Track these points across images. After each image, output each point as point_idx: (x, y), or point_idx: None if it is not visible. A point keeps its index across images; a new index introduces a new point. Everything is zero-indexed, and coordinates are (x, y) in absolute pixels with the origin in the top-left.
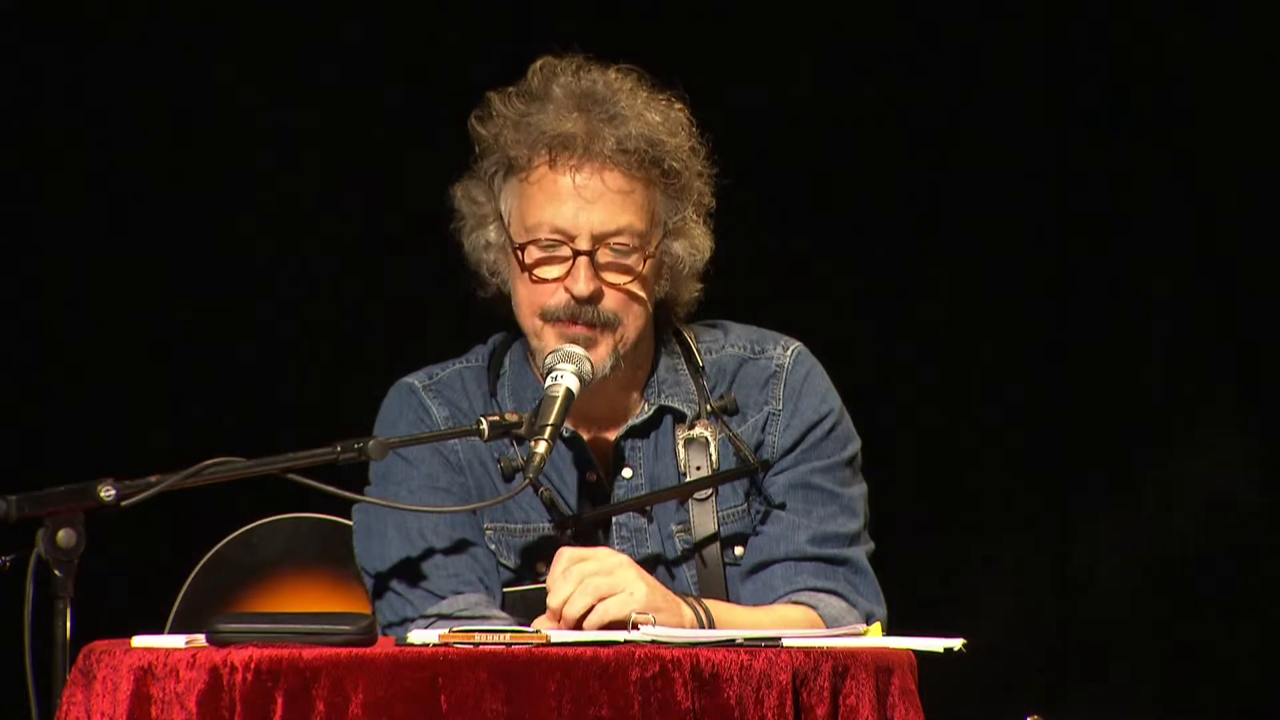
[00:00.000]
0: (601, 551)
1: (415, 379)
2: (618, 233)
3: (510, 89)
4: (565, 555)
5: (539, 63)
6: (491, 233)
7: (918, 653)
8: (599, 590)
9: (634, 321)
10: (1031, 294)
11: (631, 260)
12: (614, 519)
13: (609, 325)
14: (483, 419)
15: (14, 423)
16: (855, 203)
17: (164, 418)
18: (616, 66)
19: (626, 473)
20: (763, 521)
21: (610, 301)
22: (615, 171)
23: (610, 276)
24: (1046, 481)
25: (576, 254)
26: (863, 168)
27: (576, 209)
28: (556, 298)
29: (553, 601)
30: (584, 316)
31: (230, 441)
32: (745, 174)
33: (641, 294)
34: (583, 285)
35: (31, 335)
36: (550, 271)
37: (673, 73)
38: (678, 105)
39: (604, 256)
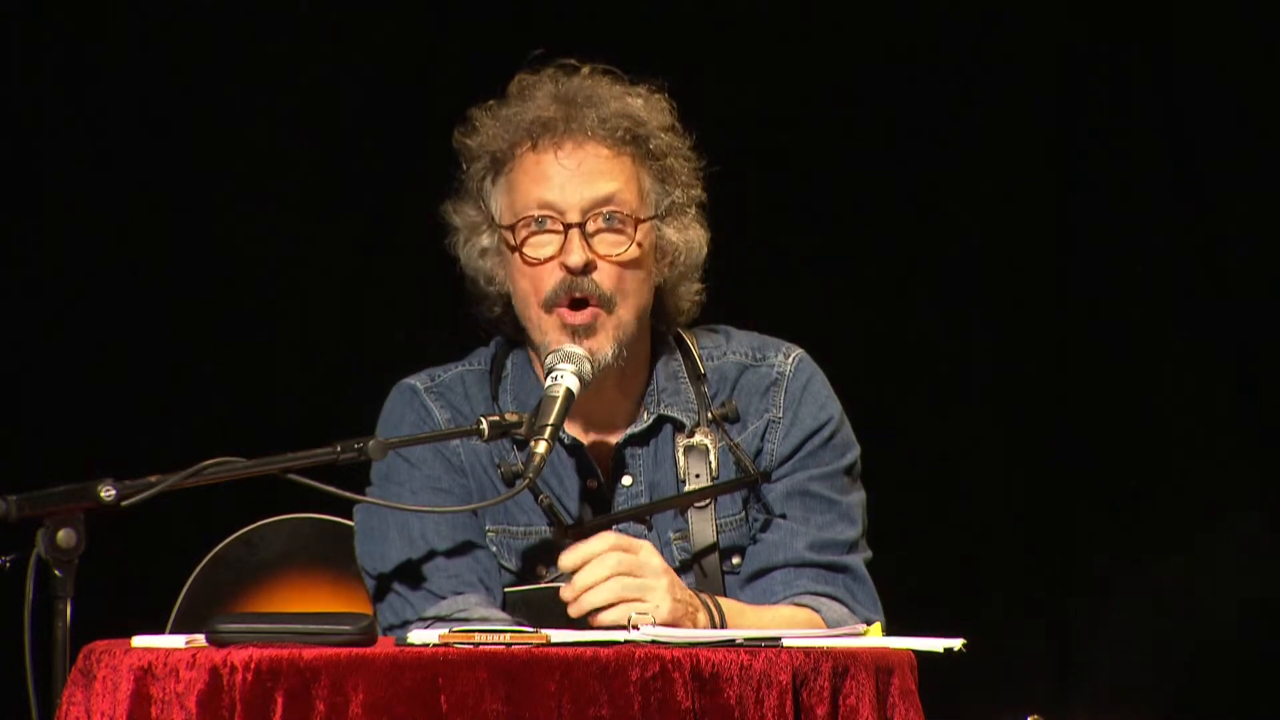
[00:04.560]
0: (646, 549)
1: (417, 380)
2: (606, 200)
3: (490, 102)
4: (608, 538)
5: (516, 78)
6: (485, 239)
7: (918, 653)
8: (624, 593)
9: (631, 301)
10: (1029, 289)
11: (622, 237)
12: (613, 526)
13: (606, 304)
14: (483, 419)
15: (14, 423)
16: (861, 212)
17: (164, 418)
18: (593, 66)
19: (626, 480)
20: (762, 529)
21: (605, 277)
22: (598, 144)
23: (602, 247)
24: (1047, 483)
25: (567, 227)
26: (862, 173)
27: (562, 183)
28: (553, 278)
29: (576, 577)
30: (581, 288)
31: (230, 441)
32: (743, 178)
33: (636, 270)
34: (576, 255)
35: (31, 335)
36: (542, 249)
37: (666, 79)
38: (659, 97)
39: (594, 225)
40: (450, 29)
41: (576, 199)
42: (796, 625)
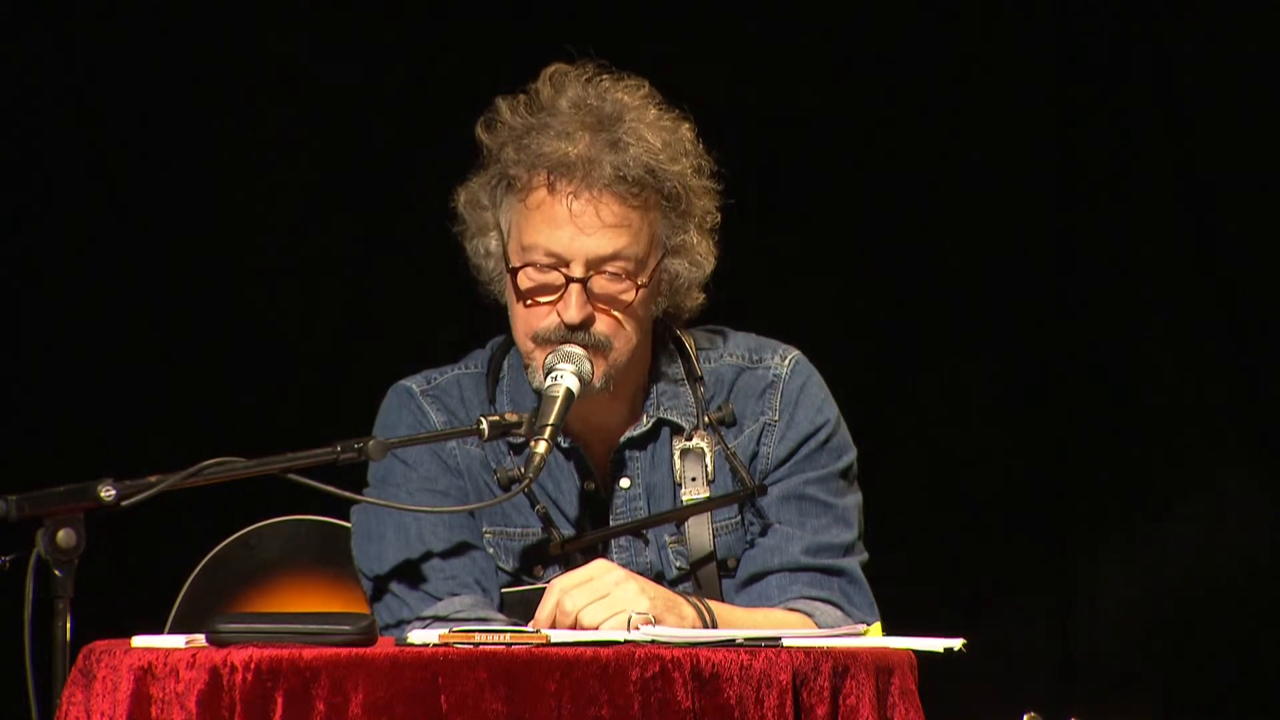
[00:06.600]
0: (595, 568)
1: (413, 383)
2: (613, 258)
3: (519, 95)
4: (556, 588)
5: (550, 70)
6: (492, 242)
7: (918, 653)
8: (595, 620)
9: (626, 344)
10: (1026, 287)
11: (625, 286)
12: (610, 538)
13: (601, 347)
14: (483, 419)
15: (14, 423)
16: (859, 211)
17: (164, 418)
18: (626, 80)
19: (624, 483)
20: (760, 533)
21: (602, 325)
22: (613, 200)
23: (603, 298)
24: (1047, 483)
25: (569, 280)
26: (860, 173)
27: (572, 236)
28: (548, 321)
29: (555, 634)
30: (575, 340)
31: (230, 441)
32: (741, 177)
33: (635, 318)
34: (574, 312)
35: (31, 335)
36: (542, 294)
37: (667, 72)
38: (685, 125)
39: (597, 284)
40: (457, 24)
41: (583, 253)
42: (787, 627)
